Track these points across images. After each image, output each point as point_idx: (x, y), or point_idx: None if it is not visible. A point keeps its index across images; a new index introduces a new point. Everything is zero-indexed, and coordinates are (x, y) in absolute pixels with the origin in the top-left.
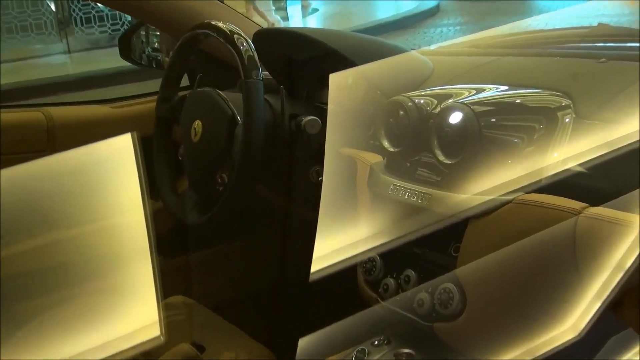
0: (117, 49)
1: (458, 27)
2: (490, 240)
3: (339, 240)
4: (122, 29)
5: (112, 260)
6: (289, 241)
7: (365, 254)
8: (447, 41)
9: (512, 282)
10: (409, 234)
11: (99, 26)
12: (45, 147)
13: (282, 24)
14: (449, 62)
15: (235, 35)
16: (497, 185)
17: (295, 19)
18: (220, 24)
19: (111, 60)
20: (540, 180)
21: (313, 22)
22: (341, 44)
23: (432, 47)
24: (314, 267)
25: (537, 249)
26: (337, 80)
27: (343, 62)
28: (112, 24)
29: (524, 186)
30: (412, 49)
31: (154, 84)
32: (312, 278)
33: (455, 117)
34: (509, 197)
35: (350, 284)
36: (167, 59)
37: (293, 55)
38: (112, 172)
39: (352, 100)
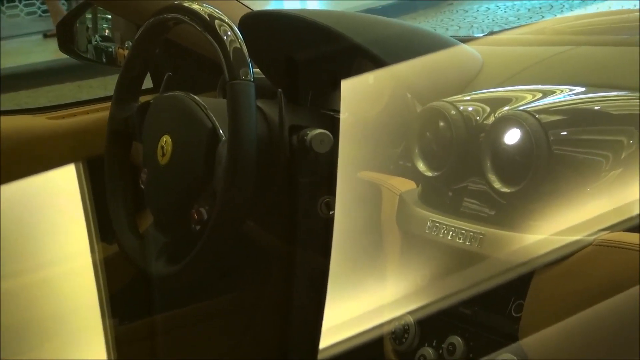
0: (49, 36)
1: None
2: (565, 297)
3: (358, 301)
4: None
5: (50, 325)
6: (290, 300)
7: (395, 318)
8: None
9: (595, 353)
10: (453, 289)
11: (25, 5)
12: None
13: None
14: (505, 54)
15: (217, 21)
16: (572, 221)
17: None
18: (195, 6)
19: (42, 51)
20: (631, 216)
21: (314, 3)
22: (361, 33)
23: (480, 34)
24: (325, 342)
25: (631, 307)
26: (353, 80)
27: (365, 58)
28: (42, 3)
29: (609, 224)
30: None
31: (102, 84)
32: (321, 357)
33: (515, 131)
34: (589, 238)
35: (374, 355)
36: (122, 52)
37: (294, 47)
38: (48, 209)
39: (374, 107)
